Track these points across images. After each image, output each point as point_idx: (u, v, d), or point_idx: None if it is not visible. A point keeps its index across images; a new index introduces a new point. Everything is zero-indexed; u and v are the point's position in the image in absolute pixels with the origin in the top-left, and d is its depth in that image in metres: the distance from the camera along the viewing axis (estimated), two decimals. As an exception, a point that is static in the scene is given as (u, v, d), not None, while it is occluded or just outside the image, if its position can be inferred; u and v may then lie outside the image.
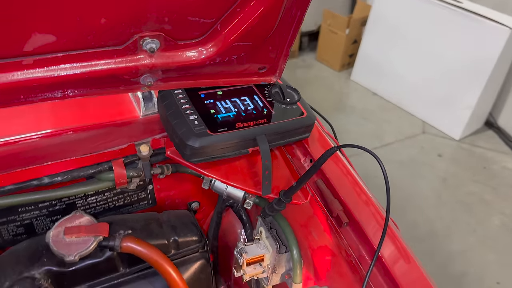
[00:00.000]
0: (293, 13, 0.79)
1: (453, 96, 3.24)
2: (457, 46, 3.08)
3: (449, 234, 2.57)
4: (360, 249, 0.78)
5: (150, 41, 0.74)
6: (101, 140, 0.88)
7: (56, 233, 0.84)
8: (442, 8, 3.06)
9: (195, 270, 0.98)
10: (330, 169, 0.89)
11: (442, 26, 3.13)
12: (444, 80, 3.25)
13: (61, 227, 0.85)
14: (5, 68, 0.67)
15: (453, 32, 3.08)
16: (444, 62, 3.19)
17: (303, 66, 4.19)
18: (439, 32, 3.16)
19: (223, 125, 0.83)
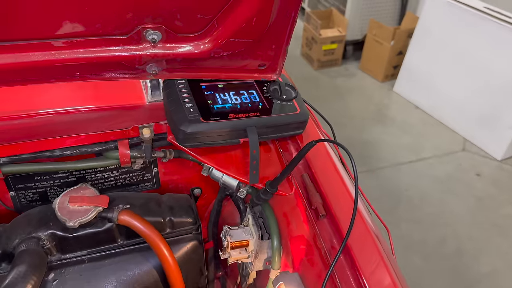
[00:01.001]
0: (287, 13, 0.84)
1: (497, 114, 3.12)
2: (504, 62, 2.96)
3: (478, 255, 2.48)
4: (333, 241, 0.82)
5: (152, 33, 0.82)
6: (110, 121, 0.97)
7: (62, 201, 0.94)
8: (491, 23, 2.97)
9: (187, 250, 1.05)
10: (317, 164, 0.93)
11: (490, 41, 3.02)
12: (489, 97, 3.13)
13: (67, 196, 0.94)
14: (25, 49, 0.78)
15: (502, 48, 2.97)
16: (490, 78, 3.08)
17: (345, 75, 4.18)
18: (487, 47, 3.05)
19: (217, 115, 0.89)
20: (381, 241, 0.82)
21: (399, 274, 0.78)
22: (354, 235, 0.78)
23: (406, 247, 2.49)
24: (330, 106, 3.69)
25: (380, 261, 0.76)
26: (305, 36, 4.24)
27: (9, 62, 0.77)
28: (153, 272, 1.01)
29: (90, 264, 0.98)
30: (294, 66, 4.30)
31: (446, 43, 3.33)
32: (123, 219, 0.94)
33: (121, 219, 0.94)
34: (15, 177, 1.02)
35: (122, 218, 0.94)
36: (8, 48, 0.76)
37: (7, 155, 0.93)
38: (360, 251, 0.77)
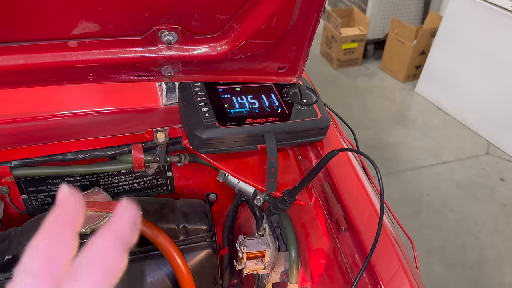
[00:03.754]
0: (309, 14, 0.80)
1: (523, 117, 3.01)
2: (532, 63, 2.86)
3: (501, 265, 2.39)
4: (355, 256, 0.77)
5: (167, 34, 0.78)
6: (124, 124, 0.94)
7: (74, 206, 0.91)
8: (519, 22, 2.86)
9: (201, 258, 1.01)
10: (338, 173, 0.88)
11: (518, 41, 2.92)
12: (515, 100, 3.03)
13: (79, 201, 0.92)
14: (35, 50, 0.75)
15: (529, 49, 2.86)
16: (516, 80, 2.98)
17: (366, 74, 4.10)
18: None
19: (233, 120, 0.85)
20: (405, 256, 0.77)
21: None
22: (377, 250, 0.73)
23: (427, 254, 2.42)
24: (350, 107, 3.62)
25: (405, 280, 0.72)
26: (324, 35, 4.17)
27: (22, 63, 0.75)
28: (165, 281, 0.97)
29: (101, 271, 0.95)
30: (313, 65, 4.24)
31: (471, 43, 3.22)
32: (136, 226, 0.91)
33: (133, 226, 0.91)
34: (27, 180, 1.00)
35: (135, 225, 0.91)
36: (21, 49, 0.74)
37: (19, 158, 0.90)
38: (384, 269, 0.72)
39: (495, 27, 3.01)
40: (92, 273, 0.28)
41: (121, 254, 0.30)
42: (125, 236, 0.30)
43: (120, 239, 0.30)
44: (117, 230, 0.30)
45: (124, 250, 0.30)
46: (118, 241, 0.30)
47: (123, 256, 0.30)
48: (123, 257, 0.30)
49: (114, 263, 0.29)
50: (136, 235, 0.32)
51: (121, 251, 0.30)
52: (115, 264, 0.29)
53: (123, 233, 0.30)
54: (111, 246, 0.30)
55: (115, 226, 0.31)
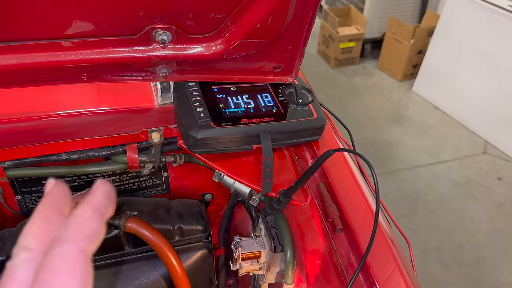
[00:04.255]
0: (304, 13, 0.79)
1: (521, 116, 3.02)
2: (529, 63, 2.86)
3: (498, 264, 2.40)
4: (350, 257, 0.77)
5: (162, 33, 0.77)
6: (118, 124, 0.93)
7: (68, 206, 0.90)
8: (516, 21, 2.86)
9: (197, 259, 1.00)
10: (334, 174, 0.88)
11: (515, 40, 2.92)
12: (513, 99, 3.03)
13: (73, 202, 0.91)
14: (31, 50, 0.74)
15: (527, 48, 2.86)
16: (514, 79, 2.98)
17: (363, 74, 4.10)
18: (511, 47, 2.95)
19: (228, 120, 0.84)
20: (401, 256, 0.76)
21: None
22: (373, 251, 0.73)
23: (424, 254, 2.42)
24: (347, 106, 3.62)
25: (401, 280, 0.71)
26: (322, 34, 4.17)
27: (15, 63, 0.74)
28: (161, 282, 0.97)
29: (96, 272, 0.93)
30: (310, 64, 4.23)
31: (468, 42, 3.23)
32: (130, 226, 0.90)
33: (128, 227, 0.90)
34: (21, 180, 0.99)
35: (129, 225, 0.90)
36: (14, 48, 0.73)
37: (12, 159, 0.90)
38: (380, 269, 0.72)
39: (493, 26, 3.02)
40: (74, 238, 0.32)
41: (98, 222, 0.34)
42: (101, 207, 0.35)
43: (96, 210, 0.34)
44: (94, 201, 0.35)
45: (101, 219, 0.34)
46: (95, 211, 0.34)
47: (100, 224, 0.34)
48: (100, 225, 0.34)
49: (93, 229, 0.33)
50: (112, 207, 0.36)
51: (98, 220, 0.34)
52: (94, 230, 0.33)
53: (99, 204, 0.35)
54: (89, 215, 0.34)
55: (92, 199, 0.35)
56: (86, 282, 0.31)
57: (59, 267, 0.30)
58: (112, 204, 0.37)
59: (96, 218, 0.34)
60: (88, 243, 0.32)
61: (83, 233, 0.32)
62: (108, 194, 0.37)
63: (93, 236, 0.33)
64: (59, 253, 0.31)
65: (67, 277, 0.30)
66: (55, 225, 0.34)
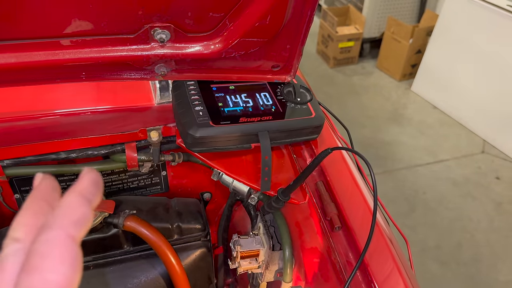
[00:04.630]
0: (303, 12, 0.79)
1: (519, 116, 3.02)
2: (528, 62, 2.87)
3: (495, 262, 2.40)
4: (348, 255, 0.77)
5: (160, 32, 0.77)
6: (117, 123, 0.93)
7: (67, 205, 0.90)
8: (515, 21, 2.87)
9: (195, 257, 1.01)
10: (332, 172, 0.88)
11: (513, 40, 2.93)
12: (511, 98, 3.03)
13: (72, 200, 0.91)
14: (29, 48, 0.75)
15: (525, 48, 2.87)
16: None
17: (362, 73, 4.11)
18: (510, 47, 2.95)
19: (227, 118, 0.85)
20: (399, 255, 0.77)
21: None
22: (371, 249, 0.73)
23: (422, 252, 2.42)
24: (346, 105, 3.62)
25: (399, 278, 0.71)
26: (321, 34, 4.17)
27: (14, 61, 0.74)
28: (159, 280, 0.97)
29: (95, 271, 0.95)
30: (309, 64, 4.24)
31: (467, 42, 3.23)
32: (129, 225, 0.91)
33: (127, 225, 0.91)
34: (20, 179, 0.99)
35: (128, 224, 0.91)
36: (13, 47, 0.73)
37: (11, 157, 0.90)
38: (378, 267, 0.72)
39: (491, 26, 3.02)
40: (62, 223, 0.32)
41: (86, 208, 0.34)
42: (88, 193, 0.35)
43: (83, 196, 0.34)
44: (80, 188, 0.35)
45: (89, 206, 0.35)
46: (82, 197, 0.34)
47: (88, 210, 0.34)
48: (88, 211, 0.34)
49: (81, 214, 0.33)
50: (99, 194, 0.37)
51: (86, 206, 0.34)
52: (81, 216, 0.33)
53: (86, 191, 0.35)
54: (77, 201, 0.34)
55: (78, 186, 0.35)
56: (75, 267, 0.31)
57: (47, 252, 0.30)
58: (99, 191, 0.37)
59: (83, 204, 0.34)
60: (76, 229, 0.32)
61: (71, 219, 0.33)
62: (95, 181, 0.37)
63: (80, 221, 0.33)
64: (46, 239, 0.31)
65: (56, 262, 0.30)
66: (43, 216, 0.34)
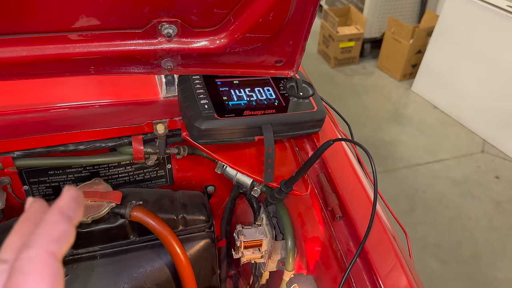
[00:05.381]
0: (305, 8, 0.82)
1: (519, 116, 3.05)
2: (527, 63, 2.89)
3: (495, 260, 2.42)
4: (349, 244, 0.79)
5: (167, 27, 0.80)
6: (124, 116, 0.96)
7: (75, 196, 0.93)
8: (515, 21, 2.89)
9: (200, 248, 1.03)
10: (333, 165, 0.90)
11: (513, 40, 2.95)
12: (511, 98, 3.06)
13: (80, 191, 0.94)
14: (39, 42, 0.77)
15: (525, 48, 2.89)
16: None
17: (363, 73, 4.13)
18: (509, 47, 2.98)
19: (232, 111, 0.87)
20: (399, 245, 0.79)
21: (417, 279, 0.75)
22: (371, 238, 0.76)
23: (422, 250, 2.44)
24: (347, 105, 3.65)
25: (398, 265, 0.74)
26: (322, 34, 4.20)
27: (25, 55, 0.77)
28: (165, 270, 0.99)
29: (102, 260, 0.97)
30: (310, 64, 4.26)
31: (467, 42, 3.26)
32: (136, 215, 0.93)
33: (133, 216, 0.93)
34: (29, 171, 1.02)
35: (135, 214, 0.93)
36: (24, 41, 0.76)
37: (21, 149, 0.92)
38: (378, 255, 0.75)
39: (491, 27, 3.04)
40: (43, 241, 0.32)
41: (66, 225, 0.34)
42: (68, 210, 0.35)
43: (63, 213, 0.35)
44: (60, 205, 0.35)
45: (69, 222, 0.35)
46: (63, 215, 0.35)
47: (69, 227, 0.34)
48: (69, 228, 0.34)
49: (61, 231, 0.34)
50: (80, 210, 0.37)
51: (66, 223, 0.35)
52: (62, 233, 0.34)
53: (67, 208, 0.35)
54: (56, 218, 0.34)
55: (58, 203, 0.36)
56: (56, 283, 0.32)
57: (28, 270, 0.31)
58: (80, 207, 0.37)
59: (63, 221, 0.34)
60: (56, 246, 0.33)
61: (51, 236, 0.33)
62: (75, 198, 0.37)
63: (61, 238, 0.33)
64: (27, 256, 0.31)
65: (37, 280, 0.31)
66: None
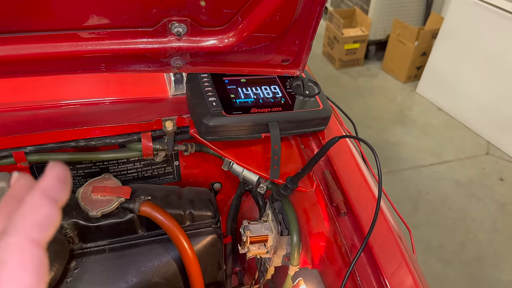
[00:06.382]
0: (312, 8, 0.84)
1: (524, 118, 3.05)
2: (532, 65, 2.89)
3: (498, 262, 2.43)
4: (354, 239, 0.81)
5: (177, 25, 0.82)
6: (134, 113, 0.98)
7: (85, 190, 0.95)
8: (520, 24, 2.90)
9: (206, 243, 1.05)
10: (338, 161, 0.92)
11: (518, 43, 2.95)
12: (516, 101, 3.06)
13: (90, 186, 0.96)
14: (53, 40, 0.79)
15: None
16: (517, 81, 3.01)
17: (367, 75, 4.14)
18: (515, 50, 2.98)
19: (239, 109, 0.89)
20: (402, 240, 0.81)
21: (421, 274, 0.77)
22: (375, 233, 0.77)
23: (425, 251, 2.45)
24: (351, 106, 3.66)
25: (402, 260, 0.75)
26: (327, 35, 4.21)
27: (38, 52, 0.79)
28: (172, 264, 1.01)
29: (110, 254, 0.99)
30: (315, 65, 4.28)
31: (472, 45, 3.26)
32: (144, 210, 0.95)
33: (142, 210, 0.95)
34: (40, 166, 1.04)
35: (144, 209, 0.95)
36: (37, 38, 0.78)
37: (33, 144, 0.94)
38: (382, 250, 0.76)
39: (496, 29, 3.05)
40: (24, 227, 0.29)
41: (51, 208, 0.31)
42: (52, 191, 0.32)
43: (47, 195, 0.32)
44: (45, 186, 0.32)
45: (54, 204, 0.32)
46: (47, 196, 0.31)
47: (54, 210, 0.31)
48: (54, 211, 0.31)
49: (44, 215, 0.30)
50: (67, 191, 0.33)
51: (50, 205, 0.31)
52: (46, 216, 0.31)
53: (51, 188, 0.32)
54: (40, 200, 0.31)
55: (43, 183, 0.32)
56: (39, 273, 0.28)
57: (7, 260, 0.28)
58: (66, 187, 0.33)
59: (47, 204, 0.31)
60: (39, 232, 0.29)
61: (34, 222, 0.30)
62: (60, 177, 0.33)
63: (45, 223, 0.30)
64: (7, 245, 0.28)
65: (18, 270, 0.28)
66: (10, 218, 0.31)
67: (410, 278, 0.74)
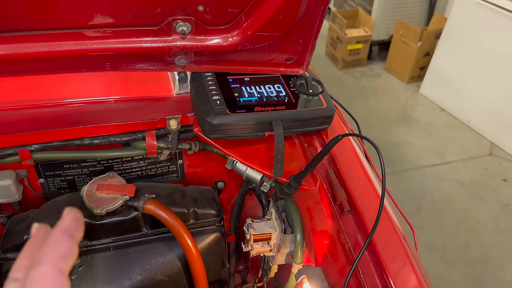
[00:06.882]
0: (315, 7, 0.84)
1: (527, 118, 3.04)
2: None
3: (502, 262, 2.42)
4: (357, 237, 0.81)
5: (182, 24, 0.82)
6: (138, 111, 0.99)
7: (90, 188, 0.96)
8: (523, 24, 2.89)
9: (210, 241, 1.06)
10: (342, 160, 0.92)
11: (522, 43, 2.95)
12: (519, 101, 3.05)
13: (94, 184, 0.97)
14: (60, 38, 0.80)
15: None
16: (521, 81, 3.01)
17: (371, 75, 4.14)
18: (518, 50, 2.98)
19: (243, 107, 0.89)
20: (406, 238, 0.81)
21: (425, 273, 0.77)
22: (379, 231, 0.77)
23: (429, 252, 2.45)
24: (354, 107, 3.66)
25: (405, 257, 0.75)
26: (330, 36, 4.21)
27: (44, 50, 0.80)
28: (176, 262, 1.02)
29: (115, 252, 1.00)
30: (318, 66, 4.28)
31: (475, 45, 3.25)
32: (149, 208, 0.96)
33: (146, 208, 0.96)
34: (45, 164, 1.05)
35: (148, 207, 0.96)
36: (43, 37, 0.78)
37: (38, 142, 0.95)
38: (385, 248, 0.76)
39: (500, 29, 3.04)
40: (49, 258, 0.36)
41: (70, 243, 0.38)
42: (70, 229, 0.39)
43: (66, 232, 0.39)
44: (64, 226, 0.40)
45: (72, 241, 0.39)
46: (65, 234, 0.39)
47: (72, 245, 0.38)
48: (72, 246, 0.38)
49: (65, 250, 0.37)
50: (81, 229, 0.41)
51: (69, 241, 0.38)
52: (66, 250, 0.37)
53: (69, 227, 0.40)
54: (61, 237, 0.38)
55: (61, 223, 0.40)
56: None
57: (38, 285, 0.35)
58: (81, 226, 0.41)
59: (66, 240, 0.38)
60: (62, 262, 0.36)
61: (58, 254, 0.37)
62: (76, 218, 0.41)
63: (66, 255, 0.37)
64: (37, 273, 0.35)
65: None
66: None
67: (414, 277, 0.74)
